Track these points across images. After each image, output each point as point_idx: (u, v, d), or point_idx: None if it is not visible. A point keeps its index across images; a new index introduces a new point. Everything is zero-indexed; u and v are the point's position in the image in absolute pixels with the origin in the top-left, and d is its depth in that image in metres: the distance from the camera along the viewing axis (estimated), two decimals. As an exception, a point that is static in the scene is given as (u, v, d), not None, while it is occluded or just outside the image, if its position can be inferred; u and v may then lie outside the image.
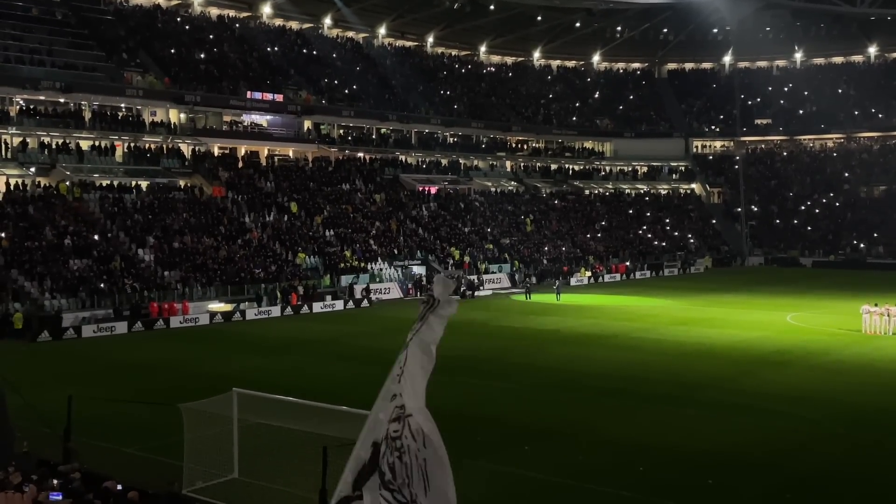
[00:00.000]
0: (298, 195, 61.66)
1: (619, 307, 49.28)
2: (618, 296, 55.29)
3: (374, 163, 71.83)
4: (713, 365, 30.92)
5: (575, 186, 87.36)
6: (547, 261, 68.14)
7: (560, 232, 75.50)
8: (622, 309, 48.16)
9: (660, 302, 51.47)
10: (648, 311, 46.96)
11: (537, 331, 39.53)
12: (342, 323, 44.24)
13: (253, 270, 50.64)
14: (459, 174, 78.50)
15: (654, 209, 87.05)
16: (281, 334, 39.82)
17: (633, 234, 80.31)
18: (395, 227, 62.90)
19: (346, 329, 41.32)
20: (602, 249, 74.35)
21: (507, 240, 69.77)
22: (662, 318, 43.62)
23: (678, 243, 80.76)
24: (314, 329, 41.59)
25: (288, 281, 50.79)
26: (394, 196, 67.94)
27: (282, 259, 53.71)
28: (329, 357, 33.08)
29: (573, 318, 44.56)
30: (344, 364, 31.33)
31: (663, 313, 45.92)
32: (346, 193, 65.24)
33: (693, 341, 36.14)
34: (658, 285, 62.55)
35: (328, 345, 36.34)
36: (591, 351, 33.22)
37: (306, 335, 39.27)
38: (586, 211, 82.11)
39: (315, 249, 56.25)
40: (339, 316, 47.79)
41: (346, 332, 40.07)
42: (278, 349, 35.29)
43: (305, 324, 44.19)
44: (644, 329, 39.70)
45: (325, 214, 60.76)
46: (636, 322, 42.18)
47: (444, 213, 69.51)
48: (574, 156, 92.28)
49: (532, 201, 79.88)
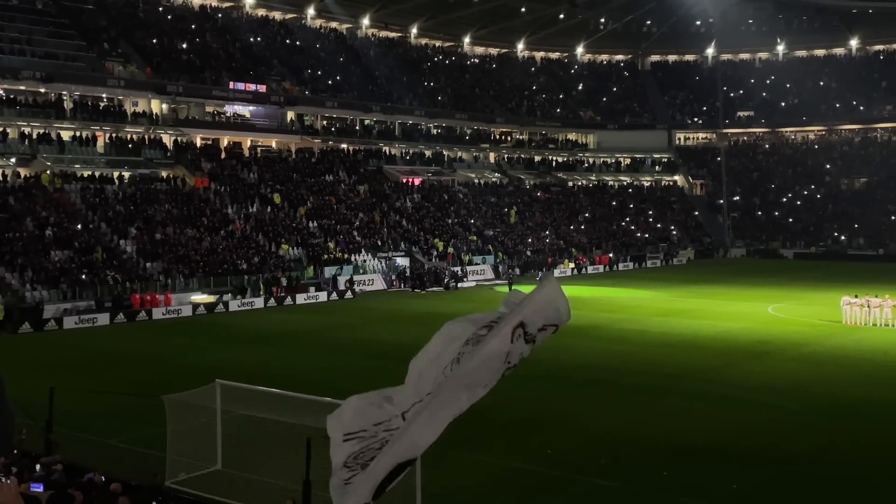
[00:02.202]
0: (282, 186, 61.32)
1: (603, 298, 49.19)
2: (601, 287, 55.29)
3: (357, 154, 71.50)
4: (696, 356, 31.01)
5: (558, 178, 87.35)
6: (531, 252, 68.17)
7: (544, 223, 75.48)
8: (606, 300, 48.15)
9: (643, 293, 51.59)
10: (631, 303, 47.12)
11: None
12: (325, 314, 44.03)
13: (236, 262, 50.45)
14: (443, 165, 78.35)
15: (637, 201, 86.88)
16: (264, 326, 39.87)
17: (617, 226, 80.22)
18: (378, 219, 62.88)
19: (330, 321, 41.27)
20: (585, 241, 74.46)
21: (491, 231, 69.66)
22: (645, 310, 43.72)
23: (661, 235, 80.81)
24: (297, 321, 41.49)
25: (271, 272, 50.66)
26: (377, 187, 67.80)
27: (265, 250, 53.53)
28: (312, 348, 33.06)
29: None
30: (327, 355, 31.36)
31: (646, 304, 46.19)
32: (330, 184, 64.95)
33: (676, 332, 36.25)
34: (641, 277, 62.87)
35: (311, 336, 36.33)
36: (574, 342, 32.65)
37: (290, 327, 39.32)
38: (570, 202, 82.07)
39: (298, 241, 56.05)
40: (323, 307, 47.47)
41: (329, 324, 40.11)
42: (261, 341, 35.23)
43: (289, 315, 44.04)
44: (627, 320, 39.92)
45: (308, 205, 60.52)
46: (619, 313, 42.18)
47: (427, 204, 69.31)
48: (558, 147, 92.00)
49: (516, 193, 79.73)
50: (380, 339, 34.16)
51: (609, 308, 44.57)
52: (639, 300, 48.43)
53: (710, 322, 39.05)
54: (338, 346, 33.39)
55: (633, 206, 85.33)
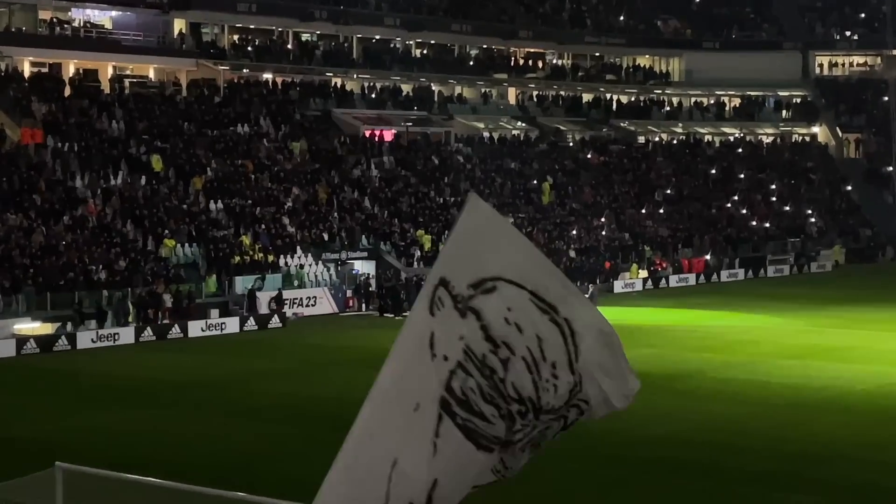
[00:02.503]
0: (164, 143, 57.29)
1: (696, 329, 46.69)
2: (692, 310, 52.56)
3: (289, 90, 66.86)
4: (845, 424, 27.92)
5: (622, 130, 78.99)
6: (575, 253, 61.84)
7: (597, 205, 68.55)
8: (700, 332, 45.68)
9: (761, 321, 49.23)
10: (743, 336, 44.19)
11: None
12: (238, 355, 41.19)
13: (88, 268, 47.22)
14: (432, 110, 72.23)
15: (751, 168, 77.56)
16: (136, 373, 36.93)
17: (718, 210, 72.16)
18: (324, 197, 58.84)
19: (244, 365, 38.55)
20: (666, 234, 67.25)
21: (511, 218, 60.96)
22: (764, 348, 40.64)
23: (791, 224, 72.70)
24: (190, 365, 38.87)
25: (148, 286, 47.42)
26: (323, 145, 63.37)
27: (137, 248, 50.12)
28: (215, 411, 30.88)
29: None
30: (238, 423, 29.32)
31: (767, 339, 43.22)
32: (244, 140, 60.40)
33: (813, 385, 33.18)
34: (758, 293, 58.29)
35: (214, 391, 33.82)
36: (648, 401, 27.19)
37: (177, 375, 36.64)
38: (641, 171, 74.29)
39: (192, 233, 52.38)
40: (233, 343, 44.64)
41: (243, 371, 37.33)
42: (131, 398, 32.87)
43: (176, 356, 40.91)
44: (735, 365, 36.90)
45: (208, 175, 56.72)
46: (723, 354, 39.33)
47: (405, 173, 64.34)
48: (621, 80, 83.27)
49: (552, 154, 72.33)
50: (325, 395, 31.58)
51: (706, 345, 41.73)
52: (755, 332, 45.61)
53: (871, 368, 35.75)
54: (256, 406, 30.95)
55: (746, 177, 76.41)
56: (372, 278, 54.77)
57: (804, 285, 62.34)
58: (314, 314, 51.40)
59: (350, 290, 53.41)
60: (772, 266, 67.68)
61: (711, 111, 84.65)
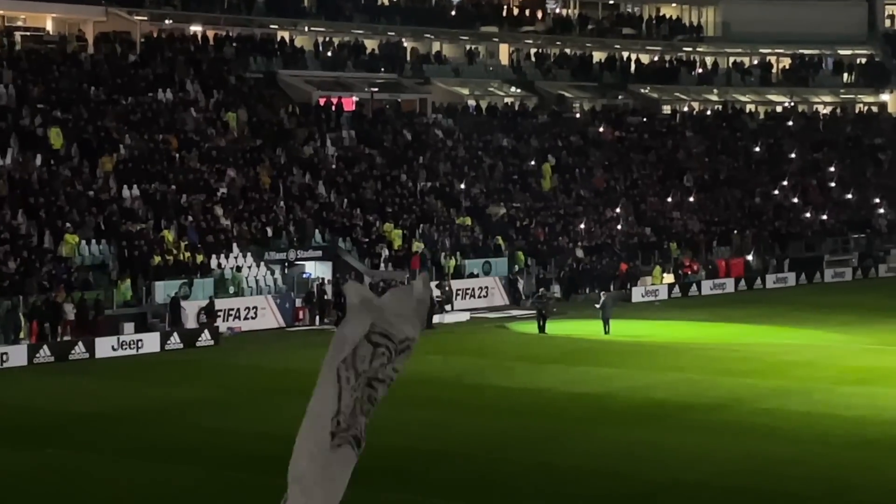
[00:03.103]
0: (65, 113, 53.48)
1: (733, 348, 42.59)
2: (729, 324, 48.65)
3: (223, 46, 63.53)
4: None
5: (643, 98, 75.58)
6: (584, 252, 57.91)
7: (611, 192, 64.65)
8: (738, 352, 41.69)
9: (815, 337, 44.91)
10: (792, 357, 40.53)
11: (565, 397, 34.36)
12: (157, 381, 38.16)
13: None
14: (403, 71, 68.82)
15: (803, 144, 73.39)
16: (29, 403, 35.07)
17: (762, 198, 67.62)
18: (267, 182, 54.93)
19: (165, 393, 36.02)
20: (697, 229, 63.27)
21: (503, 208, 59.83)
22: (820, 372, 37.76)
23: (854, 216, 68.81)
24: (97, 393, 36.30)
25: (45, 293, 43.40)
26: (266, 116, 59.73)
27: (31, 246, 45.92)
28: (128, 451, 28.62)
29: (639, 369, 39.40)
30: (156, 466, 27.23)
31: (822, 361, 39.78)
32: (167, 110, 56.69)
33: (883, 419, 31.25)
34: (813, 302, 54.37)
35: (129, 426, 31.68)
36: (677, 438, 28.65)
37: (81, 405, 34.21)
38: (665, 149, 69.75)
39: (101, 226, 48.01)
40: (152, 365, 40.50)
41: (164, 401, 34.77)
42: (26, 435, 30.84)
43: (80, 382, 37.95)
44: (783, 393, 34.43)
45: (120, 154, 52.37)
46: (767, 379, 36.73)
47: (370, 151, 60.69)
48: (640, 34, 79.30)
49: (554, 128, 67.95)
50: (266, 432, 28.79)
51: (748, 368, 38.34)
52: (808, 352, 41.88)
53: None
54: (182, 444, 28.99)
55: (798, 157, 72.27)
56: (328, 284, 51.36)
57: (870, 293, 58.67)
58: (254, 329, 47.98)
59: (300, 299, 50.38)
60: (830, 269, 64.77)
61: (754, 74, 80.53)
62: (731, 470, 26.29)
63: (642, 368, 39.86)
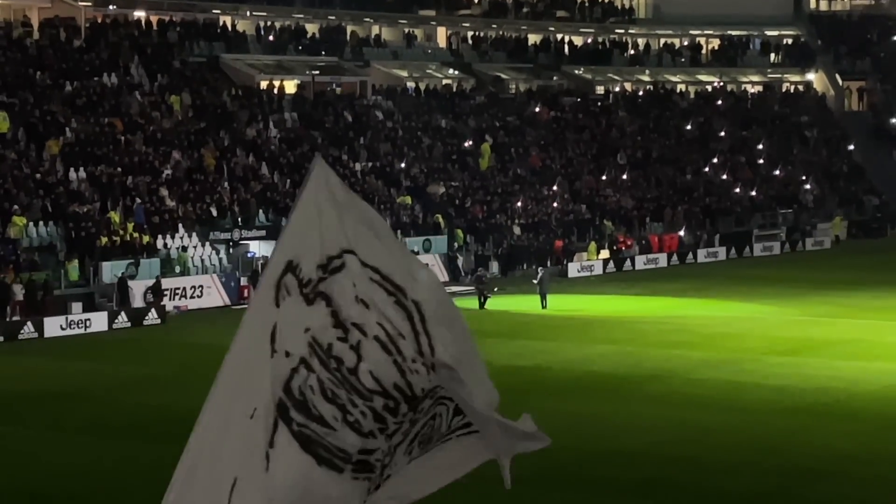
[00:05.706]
0: (10, 97, 54.15)
1: (669, 321, 43.93)
2: (662, 298, 49.78)
3: (167, 31, 64.45)
4: (847, 433, 26.99)
5: (577, 79, 77.03)
6: (521, 229, 59.88)
7: (547, 171, 65.92)
8: (674, 324, 43.18)
9: (745, 310, 46.73)
10: (723, 329, 41.85)
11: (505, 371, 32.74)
12: (105, 359, 38.75)
13: None
14: (344, 55, 69.74)
15: (733, 124, 75.32)
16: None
17: (693, 175, 69.96)
18: (211, 163, 55.89)
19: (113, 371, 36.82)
20: (631, 206, 65.21)
21: (442, 187, 61.34)
22: (752, 342, 38.93)
23: (782, 192, 70.96)
24: (46, 371, 36.99)
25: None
26: (210, 99, 60.80)
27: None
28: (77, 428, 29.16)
29: (575, 343, 39.98)
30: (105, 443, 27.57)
31: (752, 332, 40.96)
32: (112, 93, 57.37)
33: (809, 387, 32.18)
34: (742, 276, 56.24)
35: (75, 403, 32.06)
36: (612, 409, 29.49)
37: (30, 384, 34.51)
38: (599, 128, 71.49)
39: (48, 208, 49.25)
40: (100, 344, 41.27)
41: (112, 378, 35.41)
42: None
43: (28, 361, 38.54)
44: (715, 364, 35.34)
45: (66, 137, 53.31)
46: (700, 350, 37.76)
47: (313, 132, 61.80)
48: (575, 17, 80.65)
49: (491, 109, 69.50)
50: None
51: (681, 340, 39.44)
52: (739, 324, 43.18)
53: (878, 366, 34.80)
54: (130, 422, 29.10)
55: (726, 135, 74.09)
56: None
57: (798, 266, 60.41)
58: (200, 307, 48.92)
59: (245, 278, 50.79)
60: (759, 243, 65.91)
61: (685, 55, 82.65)
62: (665, 439, 26.86)
63: (579, 342, 40.62)
